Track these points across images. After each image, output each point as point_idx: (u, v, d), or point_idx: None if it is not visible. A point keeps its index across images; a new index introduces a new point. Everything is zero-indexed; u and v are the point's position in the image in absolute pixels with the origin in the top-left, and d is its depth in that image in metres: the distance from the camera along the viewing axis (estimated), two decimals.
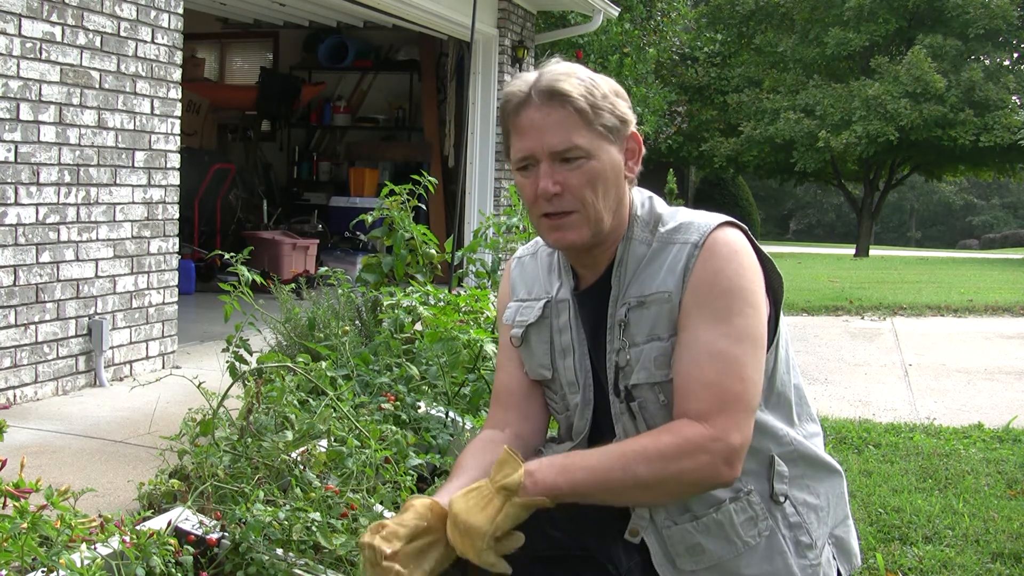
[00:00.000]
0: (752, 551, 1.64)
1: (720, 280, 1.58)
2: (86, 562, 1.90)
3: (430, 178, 4.23)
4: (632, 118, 1.68)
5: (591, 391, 1.75)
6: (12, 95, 4.21)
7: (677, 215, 1.70)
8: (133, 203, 4.97)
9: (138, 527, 2.06)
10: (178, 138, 5.28)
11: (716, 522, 1.63)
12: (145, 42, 4.98)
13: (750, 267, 1.62)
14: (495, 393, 1.88)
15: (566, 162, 1.63)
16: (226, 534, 2.22)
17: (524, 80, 1.66)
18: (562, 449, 1.77)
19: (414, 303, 3.62)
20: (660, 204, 1.74)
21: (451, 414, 3.12)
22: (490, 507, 1.52)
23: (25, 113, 4.28)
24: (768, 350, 1.66)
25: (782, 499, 1.65)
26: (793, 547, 1.65)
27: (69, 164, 4.54)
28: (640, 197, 1.74)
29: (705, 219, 1.66)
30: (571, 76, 1.64)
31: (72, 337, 4.62)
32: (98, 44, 4.67)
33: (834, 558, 1.73)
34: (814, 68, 21.58)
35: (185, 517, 2.27)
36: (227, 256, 3.42)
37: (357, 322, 4.15)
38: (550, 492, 1.53)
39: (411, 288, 3.82)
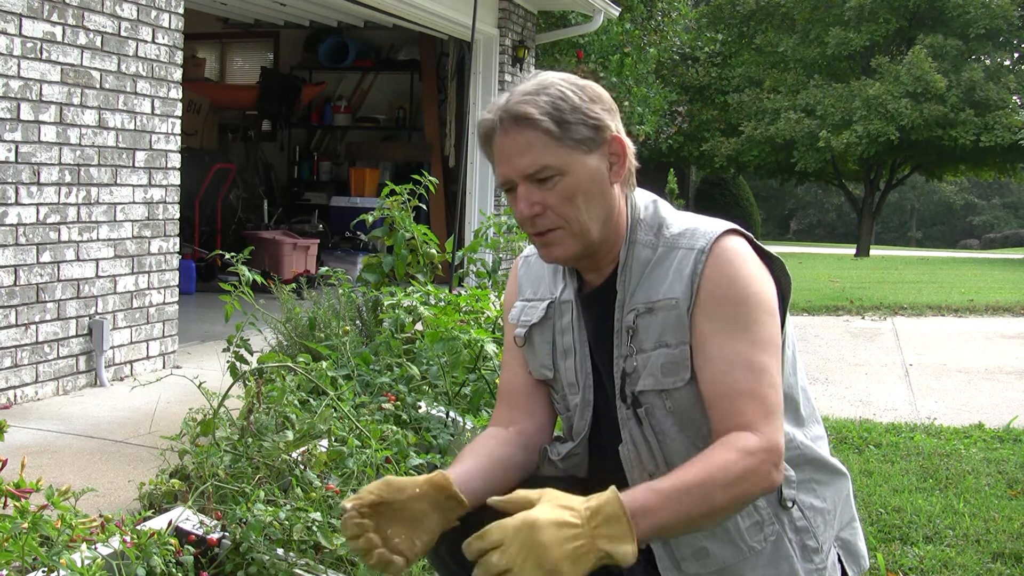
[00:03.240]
0: (758, 555, 1.64)
1: (735, 289, 1.58)
2: (87, 562, 1.90)
3: (431, 178, 4.23)
4: (610, 122, 1.64)
5: (591, 392, 1.75)
6: (12, 95, 4.21)
7: (681, 220, 1.69)
8: (134, 203, 4.97)
9: (139, 527, 2.06)
10: (179, 138, 5.28)
11: (722, 527, 1.62)
12: (146, 42, 4.98)
13: (760, 273, 1.62)
14: (500, 391, 1.88)
15: (542, 182, 1.62)
16: (227, 534, 2.23)
17: (494, 106, 1.65)
18: (565, 448, 1.78)
19: (415, 303, 3.62)
20: (664, 208, 1.73)
21: (452, 414, 3.12)
22: (583, 561, 1.36)
23: (26, 113, 4.28)
24: None
25: (789, 504, 1.65)
26: (799, 551, 1.65)
27: (70, 164, 4.54)
28: (644, 200, 1.73)
29: (710, 225, 1.66)
30: (538, 94, 1.61)
31: (72, 337, 4.62)
32: (99, 44, 4.67)
33: (840, 561, 1.73)
34: (815, 68, 21.60)
35: (186, 517, 2.27)
36: (228, 256, 3.42)
37: (358, 322, 4.15)
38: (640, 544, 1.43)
39: (412, 288, 3.82)
